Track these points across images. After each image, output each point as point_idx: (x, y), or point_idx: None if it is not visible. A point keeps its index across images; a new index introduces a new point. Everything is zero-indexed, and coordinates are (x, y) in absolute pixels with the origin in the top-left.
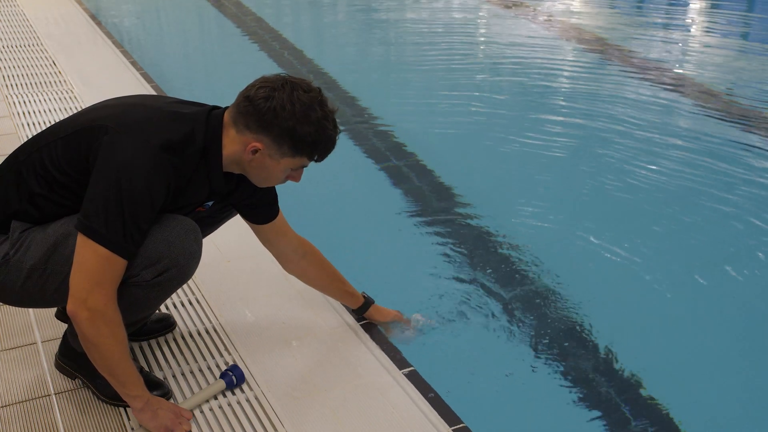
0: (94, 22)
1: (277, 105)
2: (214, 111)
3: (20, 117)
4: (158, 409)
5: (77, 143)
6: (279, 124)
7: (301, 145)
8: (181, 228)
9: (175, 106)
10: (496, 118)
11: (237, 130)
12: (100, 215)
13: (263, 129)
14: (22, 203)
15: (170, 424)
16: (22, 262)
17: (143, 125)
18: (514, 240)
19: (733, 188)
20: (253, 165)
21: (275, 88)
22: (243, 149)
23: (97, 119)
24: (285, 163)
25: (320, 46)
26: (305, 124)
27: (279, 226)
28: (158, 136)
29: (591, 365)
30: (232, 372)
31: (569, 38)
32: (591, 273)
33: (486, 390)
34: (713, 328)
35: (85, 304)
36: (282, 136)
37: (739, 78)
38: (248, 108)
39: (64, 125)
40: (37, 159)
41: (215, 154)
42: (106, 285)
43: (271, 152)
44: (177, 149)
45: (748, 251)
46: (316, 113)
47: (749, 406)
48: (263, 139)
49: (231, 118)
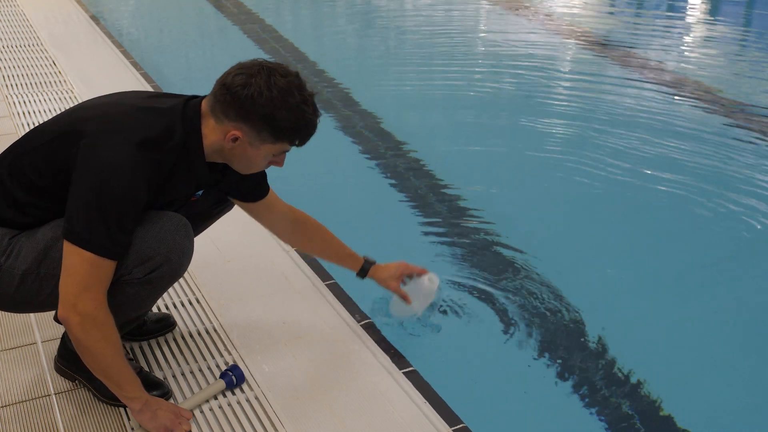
0: (94, 22)
1: (254, 92)
2: (191, 101)
3: (20, 117)
4: (157, 409)
5: (55, 150)
6: (257, 111)
7: (280, 132)
8: (172, 224)
9: (151, 101)
10: (497, 118)
11: (216, 119)
12: (83, 219)
13: (241, 117)
14: (9, 210)
15: (170, 424)
16: (14, 268)
17: (120, 125)
18: (514, 240)
19: (733, 188)
20: (234, 153)
21: (252, 74)
22: (223, 138)
23: (75, 123)
24: (266, 149)
25: (320, 46)
26: (283, 110)
27: (270, 201)
28: (135, 134)
29: (591, 365)
30: (232, 372)
31: (569, 37)
32: (591, 273)
33: (486, 390)
34: (713, 327)
35: (75, 309)
36: (260, 123)
37: (739, 77)
38: (225, 96)
39: (43, 130)
40: (18, 167)
41: (196, 146)
42: (94, 289)
43: (251, 140)
44: (155, 145)
45: (748, 251)
46: (294, 98)
47: (749, 406)
48: (242, 127)
49: (209, 107)
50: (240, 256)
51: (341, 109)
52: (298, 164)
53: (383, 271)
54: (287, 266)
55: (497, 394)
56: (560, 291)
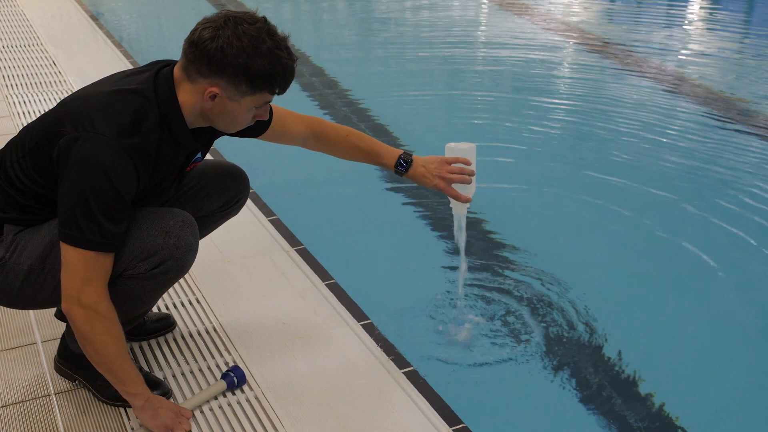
0: (94, 22)
1: (224, 43)
2: (162, 71)
3: (20, 117)
4: (159, 408)
5: (40, 155)
6: (230, 62)
7: (257, 80)
8: (178, 221)
9: (122, 82)
10: (497, 119)
11: (191, 81)
12: (72, 219)
13: (215, 72)
14: (11, 211)
15: (171, 423)
16: (19, 264)
17: (92, 119)
18: (514, 240)
19: (734, 188)
20: (215, 112)
21: (218, 26)
22: (201, 99)
23: (54, 124)
24: (246, 102)
25: (320, 45)
26: (257, 58)
27: (278, 126)
28: (108, 125)
29: (591, 365)
30: (233, 373)
31: (568, 37)
32: (591, 273)
33: (486, 390)
34: (713, 327)
35: (79, 302)
36: (236, 75)
37: (739, 77)
38: (195, 53)
39: (32, 130)
40: (12, 174)
41: (176, 117)
42: (95, 282)
43: (230, 95)
44: (132, 130)
45: (749, 249)
46: (266, 44)
47: (750, 405)
48: (219, 83)
49: (182, 70)
50: (240, 256)
51: (340, 108)
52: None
53: (421, 169)
54: (287, 266)
55: (497, 394)
56: (561, 291)
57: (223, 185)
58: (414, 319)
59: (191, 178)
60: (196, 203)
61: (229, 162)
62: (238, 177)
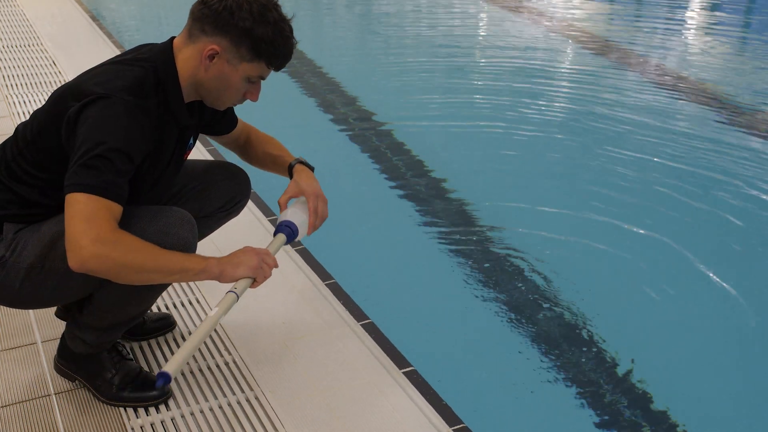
0: (94, 22)
1: (233, 4)
2: (161, 43)
3: (20, 117)
4: (234, 258)
5: (48, 138)
6: (236, 23)
7: (259, 46)
8: (177, 219)
9: (115, 59)
10: (497, 119)
11: (192, 41)
12: (78, 170)
13: (220, 30)
14: (10, 207)
15: (256, 261)
16: (19, 263)
17: (97, 83)
18: (514, 240)
19: (734, 188)
20: (209, 76)
21: None
22: (199, 61)
23: (55, 104)
24: (243, 69)
25: (320, 45)
26: (263, 24)
27: (235, 134)
28: (113, 86)
29: (591, 365)
30: (288, 226)
31: (569, 38)
32: (591, 273)
33: (486, 390)
34: (713, 327)
35: (83, 247)
36: (240, 36)
37: (738, 77)
38: (203, 11)
39: (26, 128)
40: (15, 167)
41: (173, 83)
42: (97, 220)
43: (229, 56)
44: (137, 92)
45: (749, 249)
46: (272, 14)
47: (749, 405)
48: (221, 42)
49: (184, 34)
50: None
51: (339, 108)
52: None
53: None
54: (287, 266)
55: (497, 394)
56: (561, 291)
57: (224, 186)
58: (414, 318)
59: (192, 178)
60: (196, 203)
61: (230, 162)
62: (240, 177)
